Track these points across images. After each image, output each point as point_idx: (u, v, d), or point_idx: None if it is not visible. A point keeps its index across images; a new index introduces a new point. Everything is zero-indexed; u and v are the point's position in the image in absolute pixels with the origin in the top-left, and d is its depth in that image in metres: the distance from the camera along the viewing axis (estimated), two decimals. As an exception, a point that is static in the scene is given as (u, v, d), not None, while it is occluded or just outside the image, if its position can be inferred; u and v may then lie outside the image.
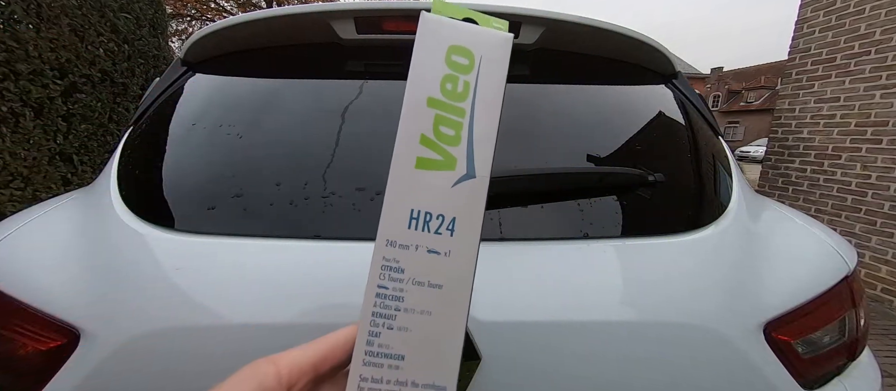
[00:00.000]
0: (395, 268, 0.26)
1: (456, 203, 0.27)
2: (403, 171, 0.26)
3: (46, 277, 0.54)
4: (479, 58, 0.28)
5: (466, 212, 0.27)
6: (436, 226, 0.26)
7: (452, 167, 0.27)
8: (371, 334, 0.26)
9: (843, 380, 0.63)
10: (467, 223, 0.27)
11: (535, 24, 0.71)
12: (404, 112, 0.27)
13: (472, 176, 0.27)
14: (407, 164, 0.26)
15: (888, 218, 2.57)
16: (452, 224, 0.27)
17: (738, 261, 0.61)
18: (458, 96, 0.27)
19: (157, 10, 3.23)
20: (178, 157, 0.68)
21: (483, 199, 0.27)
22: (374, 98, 0.71)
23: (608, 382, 0.53)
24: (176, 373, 0.50)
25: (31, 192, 2.13)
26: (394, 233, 0.26)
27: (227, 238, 0.56)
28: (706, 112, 0.86)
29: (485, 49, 0.28)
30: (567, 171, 0.65)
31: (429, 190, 0.26)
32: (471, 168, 0.27)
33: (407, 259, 0.26)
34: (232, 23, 0.74)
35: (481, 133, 0.27)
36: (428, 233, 0.26)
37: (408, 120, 0.26)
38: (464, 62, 0.27)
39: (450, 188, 0.27)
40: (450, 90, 0.27)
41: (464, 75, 0.27)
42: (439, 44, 0.27)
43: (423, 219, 0.26)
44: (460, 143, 0.27)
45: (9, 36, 1.97)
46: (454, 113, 0.27)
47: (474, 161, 0.27)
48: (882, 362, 1.75)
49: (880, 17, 2.60)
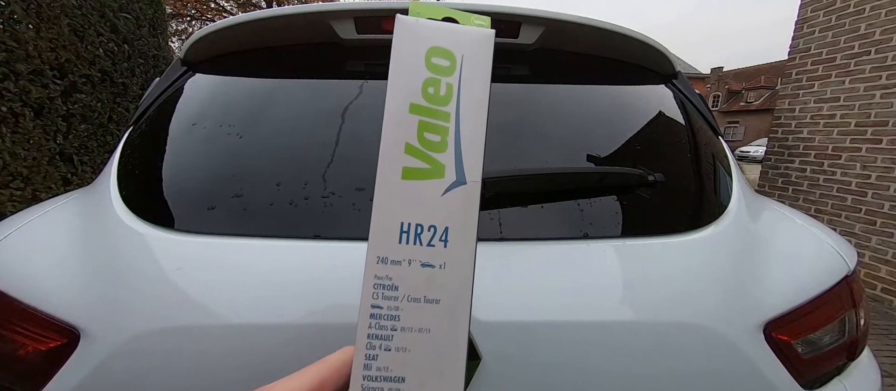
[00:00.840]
0: (388, 286, 0.25)
1: (448, 212, 0.26)
2: (390, 183, 0.25)
3: (46, 277, 0.54)
4: (460, 58, 0.26)
5: (459, 221, 0.26)
6: (428, 238, 0.25)
7: (441, 175, 0.26)
8: (368, 357, 0.24)
9: (843, 380, 0.62)
10: (461, 232, 0.26)
11: (534, 24, 0.71)
12: (386, 121, 0.25)
13: (463, 182, 0.26)
14: (393, 175, 0.25)
15: (888, 218, 2.57)
16: (445, 234, 0.25)
17: (738, 261, 0.61)
18: (442, 100, 0.26)
19: (156, 10, 3.23)
20: (178, 157, 0.68)
21: (476, 206, 0.26)
22: (374, 98, 0.71)
23: (608, 382, 0.53)
24: (176, 373, 0.50)
25: (31, 192, 2.13)
26: (384, 249, 0.25)
27: (227, 238, 0.56)
28: (706, 112, 0.86)
29: (466, 48, 0.27)
30: (567, 171, 0.65)
31: (418, 201, 0.25)
32: (460, 174, 0.26)
33: (400, 275, 0.25)
34: (232, 23, 0.74)
35: (469, 137, 0.26)
36: (420, 246, 0.25)
37: (390, 129, 0.25)
38: (445, 64, 0.26)
39: (440, 197, 0.25)
40: (432, 94, 0.26)
41: (446, 78, 0.26)
42: (418, 46, 0.26)
43: (415, 232, 0.25)
44: (447, 148, 0.26)
45: (9, 36, 1.97)
46: (439, 118, 0.26)
47: (463, 166, 0.26)
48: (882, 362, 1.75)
49: (880, 17, 2.60)
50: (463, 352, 0.25)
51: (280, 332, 0.50)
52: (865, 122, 2.69)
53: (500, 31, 0.72)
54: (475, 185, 0.26)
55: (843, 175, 2.83)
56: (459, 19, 0.28)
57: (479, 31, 0.27)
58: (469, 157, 0.26)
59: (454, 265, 0.25)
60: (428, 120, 0.26)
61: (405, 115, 0.25)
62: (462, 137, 0.26)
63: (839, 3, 2.85)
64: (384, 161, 0.25)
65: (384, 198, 0.25)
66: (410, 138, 0.25)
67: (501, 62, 0.78)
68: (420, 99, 0.26)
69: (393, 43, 0.26)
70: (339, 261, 0.54)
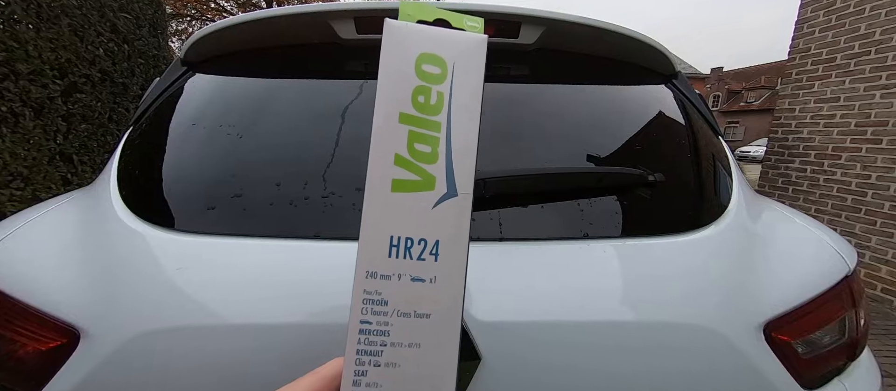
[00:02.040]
0: (377, 301, 0.24)
1: (438, 225, 0.25)
2: (379, 195, 0.24)
3: (46, 277, 0.54)
4: (451, 65, 0.25)
5: (450, 234, 0.25)
6: (418, 252, 0.25)
7: (432, 187, 0.25)
8: (357, 373, 0.24)
9: (843, 380, 0.62)
10: (452, 245, 0.25)
11: (534, 24, 0.71)
12: (375, 131, 0.24)
13: (454, 194, 0.25)
14: (382, 187, 0.24)
15: (888, 218, 2.57)
16: (436, 248, 0.25)
17: (738, 261, 0.61)
18: (433, 109, 0.25)
19: (156, 10, 3.23)
20: (178, 157, 0.68)
21: (467, 218, 0.25)
22: (374, 98, 0.71)
23: (608, 382, 0.53)
24: (176, 373, 0.50)
25: (31, 192, 2.13)
26: (374, 263, 0.24)
27: (227, 238, 0.56)
28: (706, 112, 0.85)
29: (458, 55, 0.25)
30: (567, 171, 0.65)
31: (408, 213, 0.25)
32: (451, 186, 0.25)
33: (390, 290, 0.24)
34: (232, 23, 0.74)
35: (460, 147, 0.25)
36: (410, 259, 0.25)
37: (379, 140, 0.24)
38: (436, 71, 0.25)
39: (430, 210, 0.25)
40: (422, 103, 0.25)
41: (437, 85, 0.25)
42: (407, 53, 0.25)
43: (405, 246, 0.24)
44: (438, 159, 0.25)
45: (9, 36, 1.97)
46: (429, 128, 0.25)
47: (455, 178, 0.25)
48: (882, 362, 1.75)
49: (880, 17, 2.60)
50: (454, 367, 0.25)
51: (280, 332, 0.50)
52: (865, 122, 2.69)
53: (499, 31, 0.72)
54: (466, 197, 0.25)
55: (844, 175, 2.83)
56: (451, 21, 0.27)
57: (472, 36, 0.26)
58: (460, 168, 0.25)
59: (445, 279, 0.25)
60: (418, 130, 0.25)
61: (395, 125, 0.25)
62: (453, 148, 0.25)
63: (839, 3, 2.85)
64: (373, 173, 0.24)
65: (374, 212, 0.24)
66: (400, 149, 0.25)
67: (501, 62, 0.78)
68: (410, 108, 0.25)
69: (382, 49, 0.25)
70: (339, 261, 0.54)
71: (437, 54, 0.25)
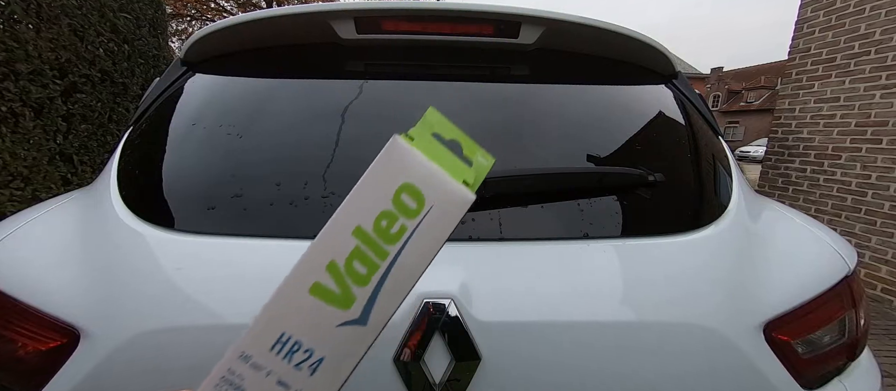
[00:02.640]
0: (235, 386, 0.24)
1: (331, 344, 0.24)
2: (294, 291, 0.24)
3: (46, 277, 0.54)
4: (428, 208, 0.24)
5: (337, 358, 0.24)
6: (299, 359, 0.24)
7: (347, 306, 0.24)
8: None
9: (843, 380, 0.62)
10: (333, 369, 0.24)
11: (534, 24, 0.71)
12: (323, 233, 0.24)
13: (363, 323, 0.24)
14: (301, 285, 0.24)
15: (888, 218, 2.57)
16: (317, 364, 0.24)
17: (738, 261, 0.61)
18: (389, 238, 0.24)
19: (157, 10, 3.23)
20: (178, 157, 0.68)
21: (361, 352, 0.24)
22: (374, 98, 0.71)
23: (608, 382, 0.53)
24: (176, 373, 0.50)
25: (30, 192, 2.13)
26: (253, 349, 0.24)
27: (227, 238, 0.56)
28: (706, 112, 0.85)
29: (439, 201, 0.24)
30: (567, 171, 0.65)
31: (310, 320, 0.24)
32: (365, 315, 0.24)
33: (252, 381, 0.23)
34: (232, 23, 0.74)
35: (393, 286, 0.24)
36: (287, 363, 0.24)
37: (324, 242, 0.24)
38: (412, 206, 0.24)
39: (333, 327, 0.24)
40: (383, 228, 0.24)
41: (405, 219, 0.24)
42: (396, 175, 0.24)
43: (290, 348, 0.24)
44: (367, 285, 0.24)
45: (9, 36, 1.97)
46: (376, 253, 0.24)
47: (372, 310, 0.24)
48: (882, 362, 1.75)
49: (880, 17, 2.60)
50: None
51: None
52: (865, 122, 2.69)
53: (499, 31, 0.72)
54: (372, 333, 0.24)
55: (844, 175, 2.83)
56: (464, 146, 0.26)
57: (461, 192, 0.24)
58: (383, 304, 0.24)
59: None
60: (364, 249, 0.24)
61: (347, 235, 0.24)
62: (386, 282, 0.24)
63: (839, 3, 2.85)
64: (300, 268, 0.24)
65: (280, 303, 0.24)
66: (338, 259, 0.24)
67: (501, 62, 0.78)
68: (369, 227, 0.24)
69: (376, 158, 0.24)
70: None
71: (422, 192, 0.24)
